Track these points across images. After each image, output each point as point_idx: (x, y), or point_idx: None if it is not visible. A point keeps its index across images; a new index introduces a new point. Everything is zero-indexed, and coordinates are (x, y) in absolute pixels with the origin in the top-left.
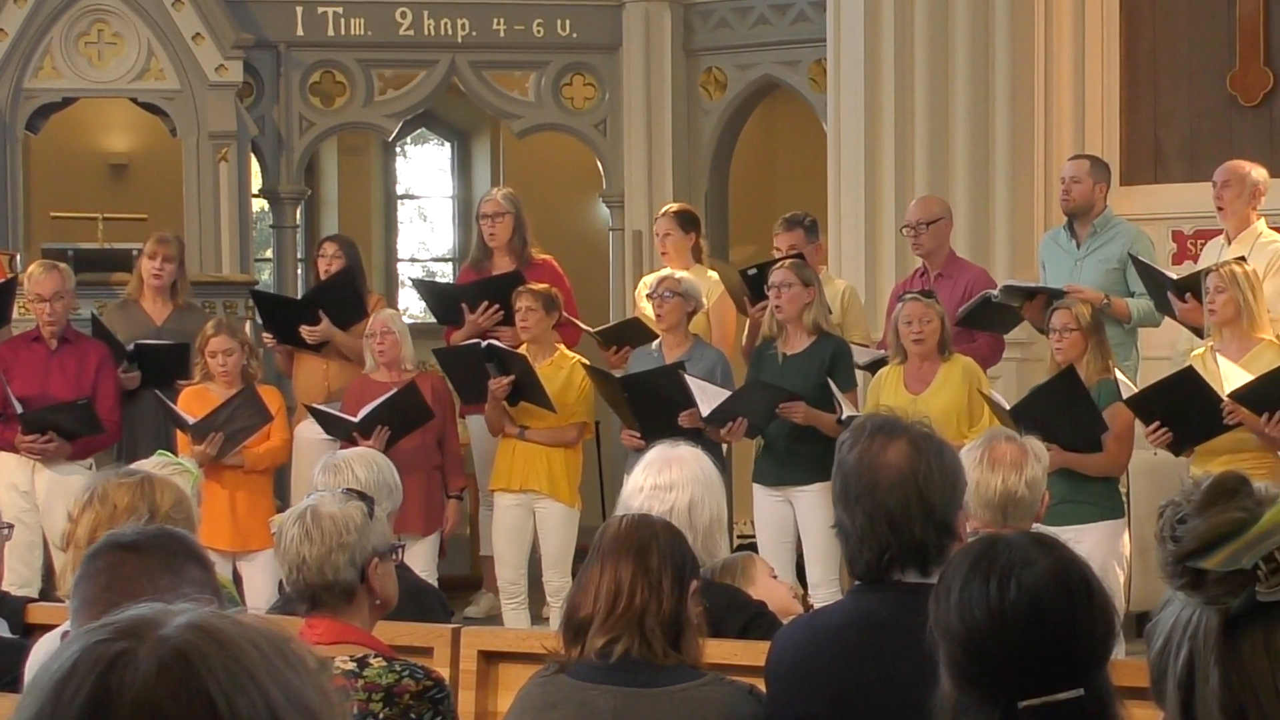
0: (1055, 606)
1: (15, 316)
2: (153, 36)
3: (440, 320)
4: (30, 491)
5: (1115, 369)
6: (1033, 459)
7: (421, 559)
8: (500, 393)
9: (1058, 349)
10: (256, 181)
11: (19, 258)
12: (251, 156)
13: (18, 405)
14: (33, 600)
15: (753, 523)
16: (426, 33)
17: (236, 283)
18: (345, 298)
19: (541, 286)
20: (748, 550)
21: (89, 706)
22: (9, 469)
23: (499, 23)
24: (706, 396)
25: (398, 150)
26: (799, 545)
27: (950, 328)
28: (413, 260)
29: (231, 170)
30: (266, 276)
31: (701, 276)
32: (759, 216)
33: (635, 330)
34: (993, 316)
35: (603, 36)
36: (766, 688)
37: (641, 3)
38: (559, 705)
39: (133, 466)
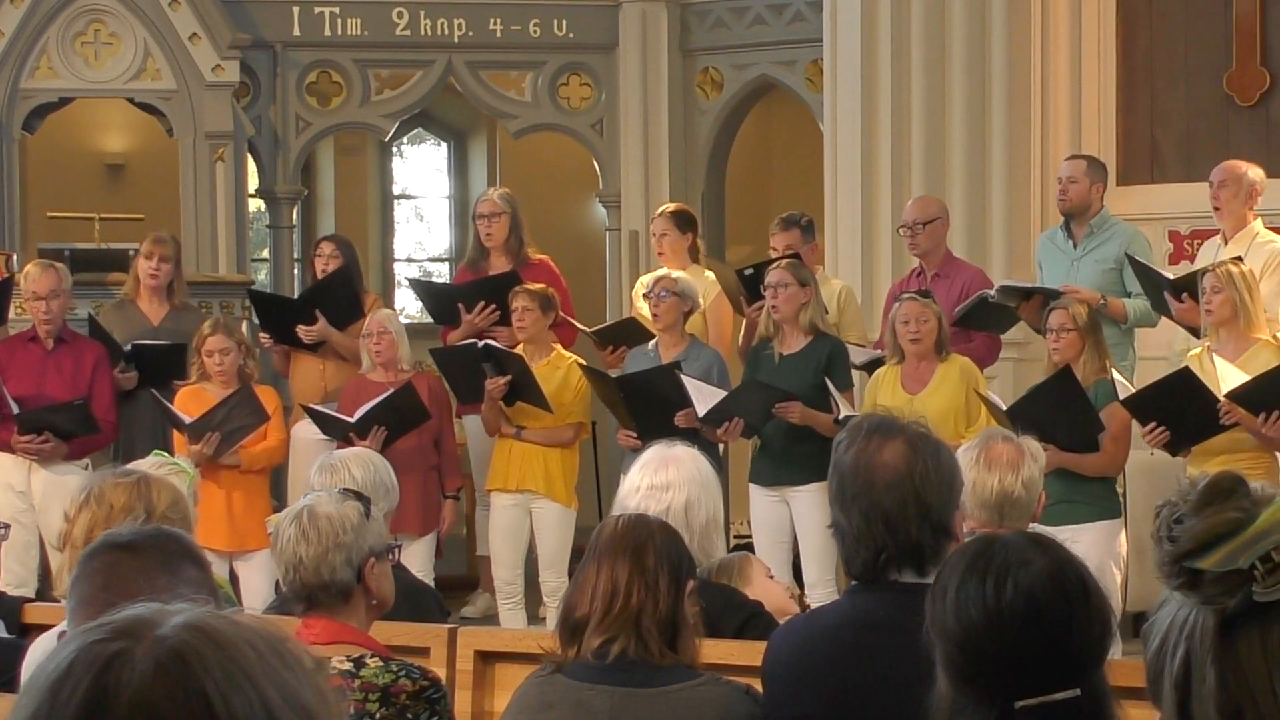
0: (1051, 606)
1: (12, 317)
2: (149, 36)
3: (437, 320)
4: (26, 491)
5: (1112, 369)
6: (1029, 459)
7: (418, 559)
8: (497, 393)
9: (1055, 349)
10: (253, 181)
11: (15, 258)
12: (248, 156)
13: (14, 405)
14: (29, 600)
15: (749, 523)
16: (423, 33)
17: (233, 283)
18: (342, 298)
19: (538, 287)
20: (744, 550)
21: (86, 706)
22: (5, 469)
23: (495, 23)
24: (703, 396)
25: (394, 150)
26: (795, 545)
27: (947, 328)
28: (409, 260)
29: (228, 170)
30: (263, 276)
31: (698, 277)
32: (756, 216)
33: (632, 330)
34: (989, 317)
35: (599, 36)
36: (763, 688)
37: (638, 3)
38: (555, 705)
39: (129, 466)
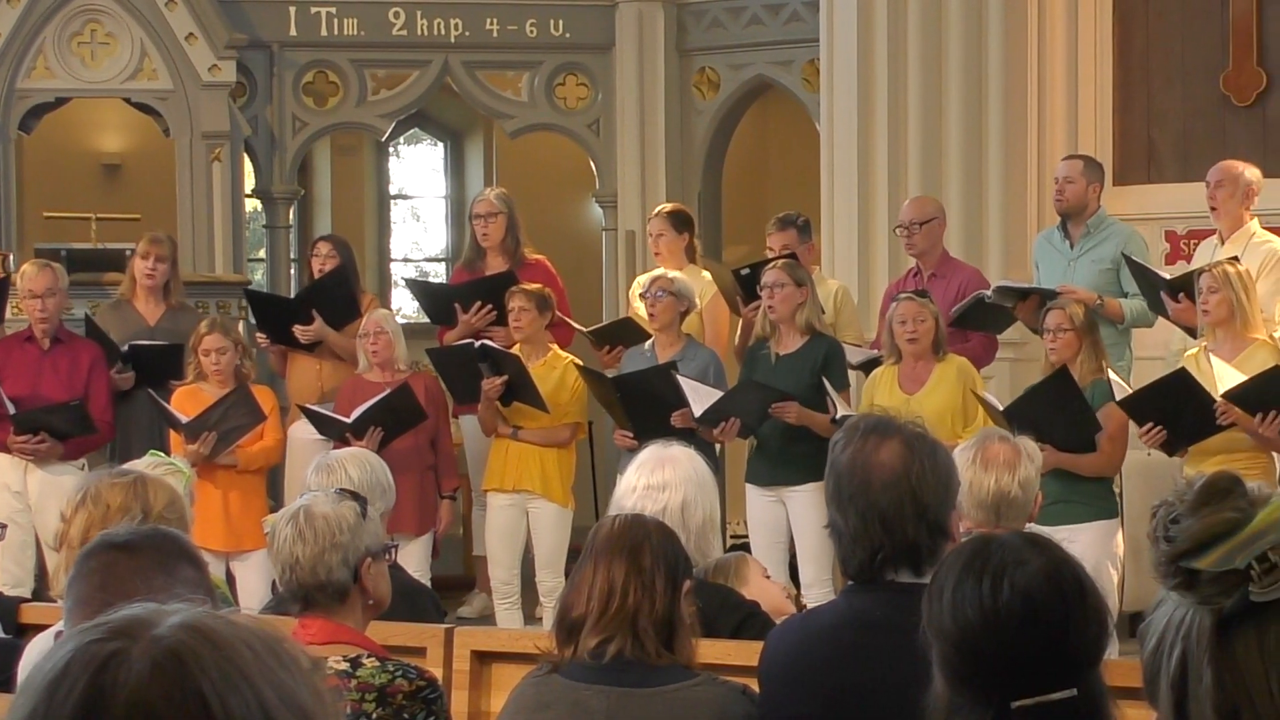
0: (1048, 606)
1: (8, 317)
2: (146, 36)
3: (433, 320)
4: (23, 492)
5: (1108, 370)
6: (1026, 459)
7: (415, 559)
8: (493, 393)
9: (1052, 349)
10: (249, 181)
11: (12, 258)
12: (245, 156)
13: (10, 406)
14: (26, 600)
15: (746, 523)
16: (419, 33)
17: (230, 283)
18: (338, 298)
19: (534, 287)
20: (741, 550)
21: (82, 706)
22: (1, 469)
23: (492, 23)
24: (699, 397)
25: (391, 150)
26: (792, 545)
27: (944, 328)
28: (406, 260)
29: (225, 170)
30: (259, 277)
31: (695, 277)
32: (752, 216)
33: (628, 330)
34: (986, 317)
35: (596, 36)
36: (759, 688)
37: (634, 3)
38: (552, 705)
39: (125, 466)
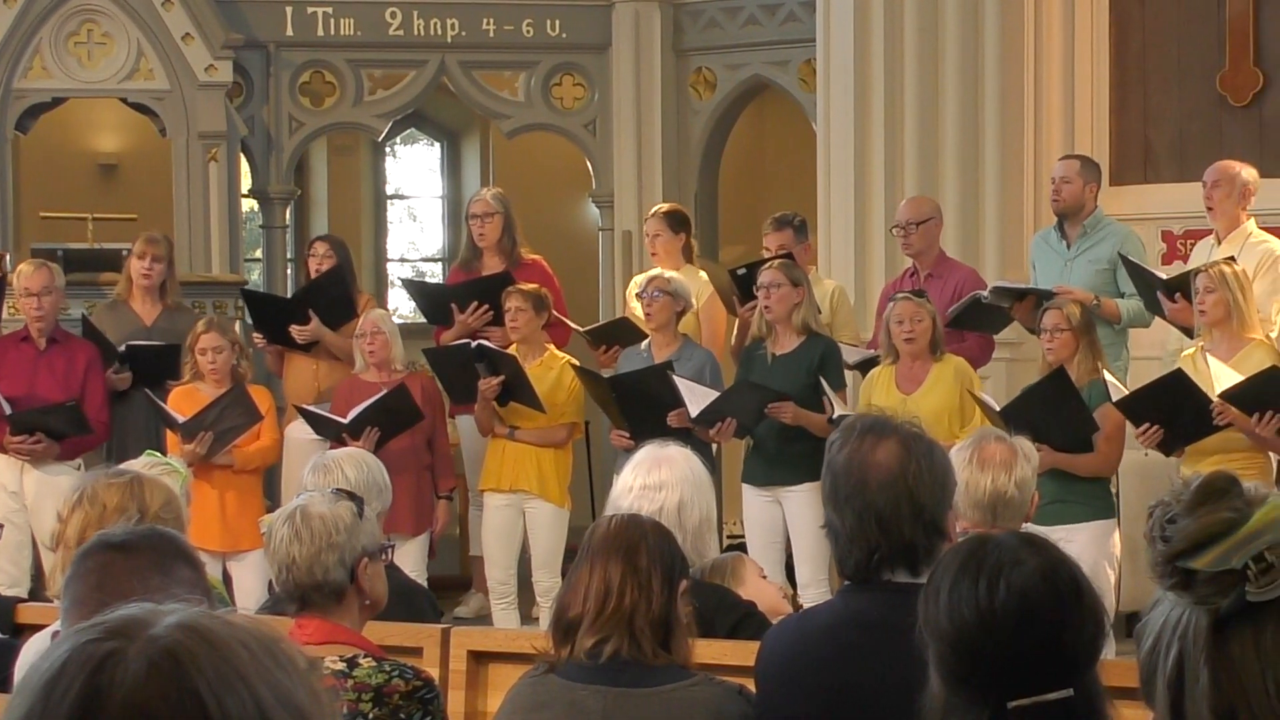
0: (1044, 606)
1: (5, 317)
2: (142, 37)
3: (430, 320)
4: (19, 492)
5: (1104, 370)
6: (1022, 459)
7: (411, 559)
8: (490, 393)
9: (1049, 349)
10: (246, 181)
11: (8, 258)
12: (241, 156)
13: (6, 406)
14: (22, 600)
15: (742, 523)
16: (416, 33)
17: (226, 283)
18: (335, 298)
19: (531, 287)
20: (737, 550)
21: (79, 706)
22: None
23: (488, 23)
24: (695, 397)
25: (387, 150)
26: (788, 545)
27: (942, 327)
28: (402, 260)
29: (221, 170)
30: (256, 277)
31: (692, 277)
32: (748, 216)
33: (624, 330)
34: (982, 317)
35: (592, 36)
36: (756, 688)
37: (631, 3)
38: (548, 705)
39: (122, 466)
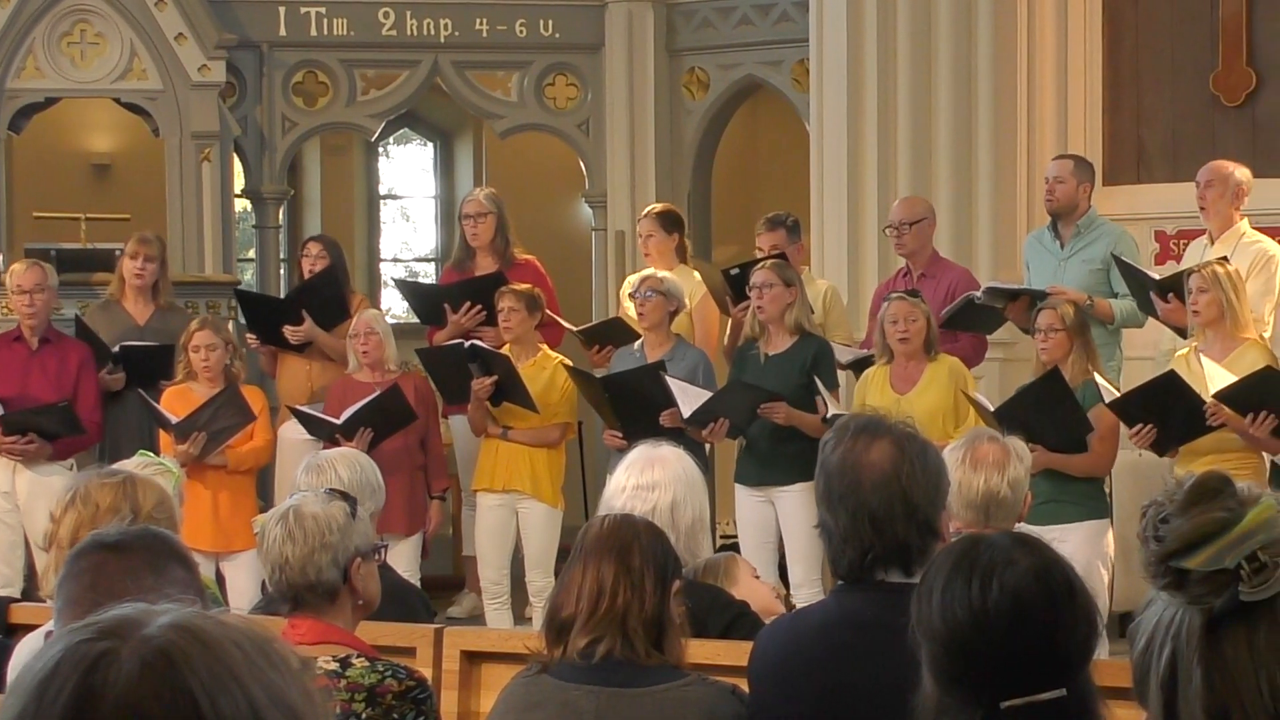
0: (1037, 607)
1: None
2: (135, 37)
3: (423, 320)
4: (11, 492)
5: (1095, 374)
6: (1015, 459)
7: (404, 559)
8: (483, 393)
9: (1043, 349)
10: (239, 181)
11: (1, 258)
12: (234, 156)
13: None
14: (15, 600)
15: (735, 523)
16: (409, 33)
17: (219, 283)
18: (328, 298)
19: (524, 287)
20: (730, 550)
21: (72, 706)
22: None
23: (481, 23)
24: (687, 398)
25: (380, 150)
26: (781, 545)
27: (936, 327)
28: (395, 260)
29: (214, 170)
30: (249, 277)
31: (685, 277)
32: (741, 216)
33: (617, 330)
34: (976, 317)
35: (585, 36)
36: (749, 688)
37: (624, 3)
38: (541, 705)
39: (114, 466)
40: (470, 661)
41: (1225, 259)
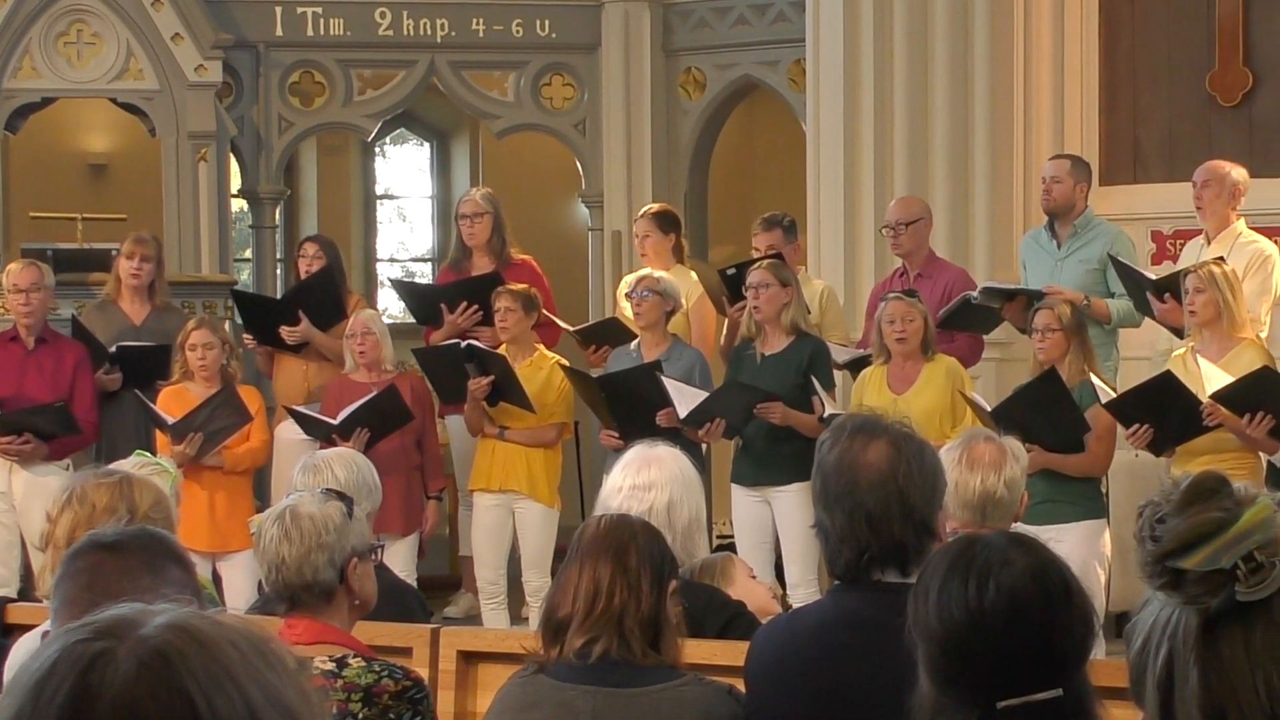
0: (1034, 606)
1: None
2: (132, 37)
3: (419, 321)
4: (7, 492)
5: (1091, 374)
6: (1011, 459)
7: (401, 559)
8: (480, 393)
9: (1040, 349)
10: (235, 181)
11: None
12: (231, 156)
13: None
14: (11, 600)
15: (731, 523)
16: (406, 33)
17: (216, 283)
18: (325, 298)
19: (520, 287)
20: (726, 550)
21: (69, 706)
22: None
23: (478, 23)
24: (684, 398)
25: (377, 150)
26: (778, 545)
27: (933, 327)
28: (392, 260)
29: (211, 170)
30: (245, 277)
31: (682, 277)
32: (738, 216)
33: (614, 330)
34: (973, 317)
35: (582, 36)
36: (746, 688)
37: (621, 3)
38: (538, 705)
39: (111, 466)
40: (467, 661)
41: (1222, 259)
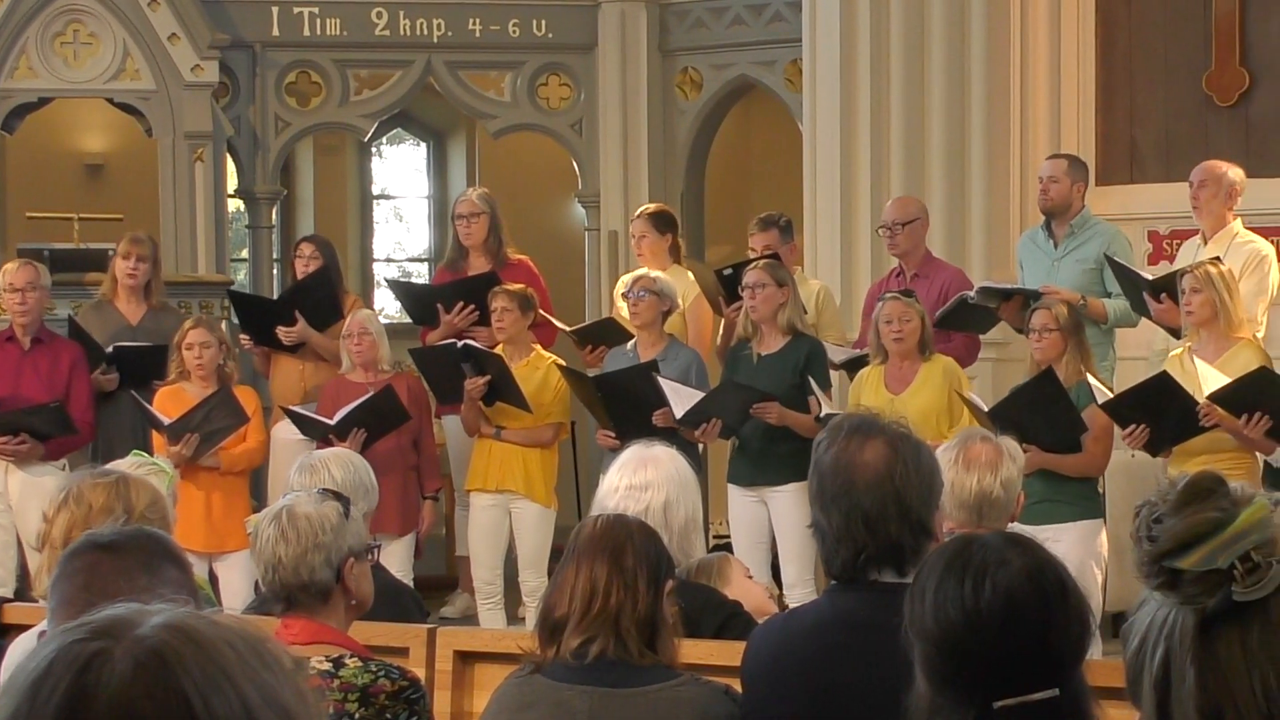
0: (1030, 606)
1: None
2: (128, 37)
3: (416, 321)
4: (3, 492)
5: (1088, 374)
6: (1008, 459)
7: (397, 559)
8: (476, 393)
9: (1037, 349)
10: (232, 181)
11: None
12: (227, 157)
13: None
14: (8, 600)
15: (728, 523)
16: (402, 33)
17: (212, 283)
18: (322, 299)
19: (517, 287)
20: (723, 550)
21: (65, 706)
22: None
23: (474, 23)
24: (680, 398)
25: (373, 150)
26: (774, 545)
27: (930, 327)
28: (388, 260)
29: (207, 170)
30: (242, 277)
31: (679, 277)
32: (735, 216)
33: (611, 330)
34: (969, 317)
35: (578, 36)
36: (742, 688)
37: (617, 3)
38: (535, 705)
39: (108, 466)
40: (463, 662)
41: (1218, 259)
